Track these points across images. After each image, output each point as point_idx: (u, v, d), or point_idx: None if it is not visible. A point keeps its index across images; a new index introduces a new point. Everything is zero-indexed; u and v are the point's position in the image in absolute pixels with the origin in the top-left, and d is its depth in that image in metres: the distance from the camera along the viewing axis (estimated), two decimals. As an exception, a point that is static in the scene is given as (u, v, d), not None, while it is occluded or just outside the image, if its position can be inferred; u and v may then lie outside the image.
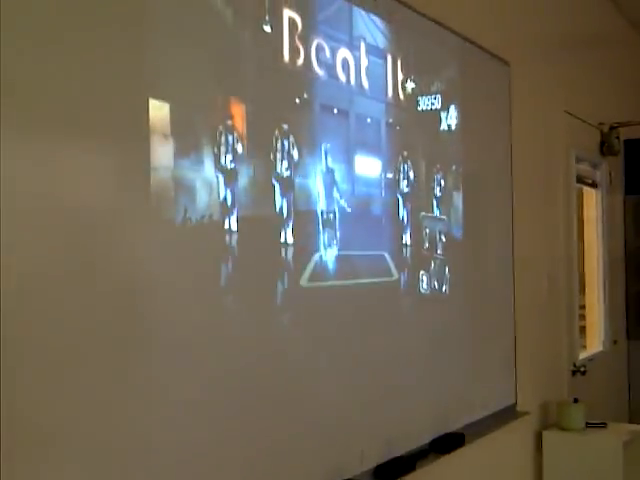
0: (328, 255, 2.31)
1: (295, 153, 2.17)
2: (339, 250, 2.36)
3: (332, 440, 2.33)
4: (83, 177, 1.59)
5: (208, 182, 1.87)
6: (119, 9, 1.67)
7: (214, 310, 1.90)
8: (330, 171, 2.33)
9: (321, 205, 2.28)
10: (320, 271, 2.28)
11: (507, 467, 3.74)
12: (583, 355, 4.71)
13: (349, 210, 2.41)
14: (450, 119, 3.09)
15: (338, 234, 2.35)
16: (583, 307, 4.99)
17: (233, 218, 1.93)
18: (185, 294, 1.81)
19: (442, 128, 3.06)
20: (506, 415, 3.54)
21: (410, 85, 2.78)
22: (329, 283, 2.33)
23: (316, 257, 2.26)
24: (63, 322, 1.53)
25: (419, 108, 2.89)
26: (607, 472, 3.81)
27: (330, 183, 2.33)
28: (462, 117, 3.16)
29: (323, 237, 2.29)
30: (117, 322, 1.64)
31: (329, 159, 2.32)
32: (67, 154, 1.56)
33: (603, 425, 4.03)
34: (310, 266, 2.23)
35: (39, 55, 1.50)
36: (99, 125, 1.62)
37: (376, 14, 2.59)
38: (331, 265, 2.33)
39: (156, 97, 1.74)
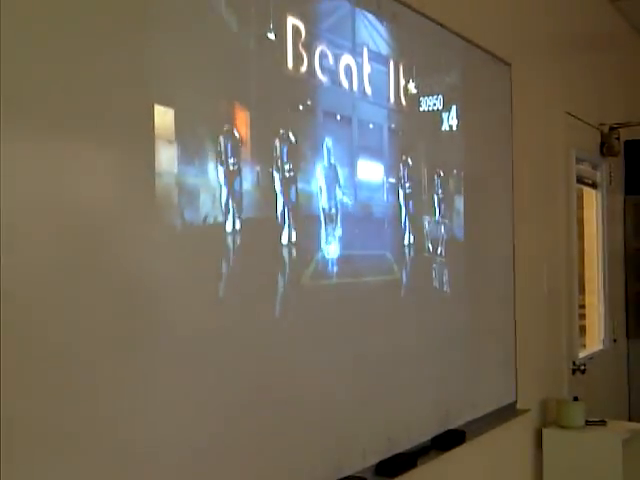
0: (330, 255, 2.34)
1: (298, 159, 2.19)
2: (341, 250, 2.38)
3: (334, 437, 2.35)
4: (89, 182, 1.60)
5: (212, 186, 1.89)
6: (124, 16, 1.68)
7: (217, 310, 1.92)
8: (332, 175, 2.35)
9: (323, 206, 2.30)
10: (322, 270, 2.31)
11: (507, 464, 3.76)
12: (583, 354, 4.74)
13: (351, 213, 2.44)
14: (451, 120, 3.11)
15: (340, 234, 2.38)
16: (583, 306, 5.01)
17: (236, 221, 1.96)
18: (188, 295, 1.83)
19: (443, 130, 3.08)
20: (506, 413, 3.56)
21: (412, 88, 2.80)
22: (331, 282, 2.35)
23: (318, 257, 2.28)
24: (64, 323, 1.53)
25: (421, 111, 2.91)
26: (606, 470, 3.83)
27: (332, 187, 2.35)
28: (463, 118, 3.18)
29: (326, 237, 2.31)
30: (120, 323, 1.65)
31: (332, 165, 2.35)
32: (72, 159, 1.56)
33: (603, 423, 4.05)
34: (312, 265, 2.25)
35: (44, 62, 1.50)
36: (105, 130, 1.63)
37: (379, 17, 2.61)
38: (333, 265, 2.35)
39: (161, 103, 1.75)
